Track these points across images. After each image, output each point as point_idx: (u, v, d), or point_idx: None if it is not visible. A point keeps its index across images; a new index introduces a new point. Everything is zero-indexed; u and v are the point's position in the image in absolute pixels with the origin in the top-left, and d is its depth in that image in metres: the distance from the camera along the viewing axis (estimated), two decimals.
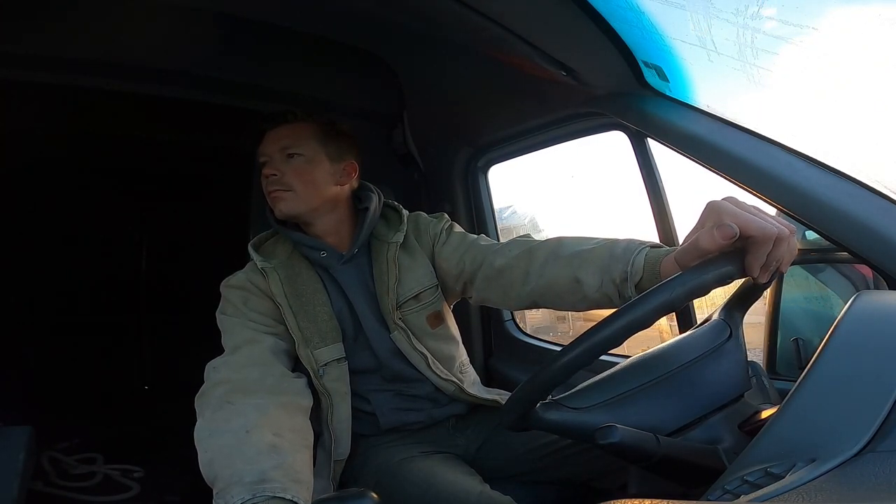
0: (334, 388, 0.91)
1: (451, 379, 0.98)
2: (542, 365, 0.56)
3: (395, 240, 0.97)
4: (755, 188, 0.78)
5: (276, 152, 0.94)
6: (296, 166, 0.93)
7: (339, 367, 0.91)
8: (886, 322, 0.49)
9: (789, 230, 0.54)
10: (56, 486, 1.82)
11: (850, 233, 0.70)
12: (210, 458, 0.67)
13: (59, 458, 1.98)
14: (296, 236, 0.96)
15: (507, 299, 0.90)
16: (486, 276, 0.91)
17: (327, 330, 0.91)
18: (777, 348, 0.98)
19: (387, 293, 0.95)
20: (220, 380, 0.78)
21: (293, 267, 0.94)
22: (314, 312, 0.91)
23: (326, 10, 1.18)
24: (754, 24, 0.72)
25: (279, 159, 0.93)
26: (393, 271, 0.95)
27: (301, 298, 0.91)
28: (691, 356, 0.61)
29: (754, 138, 0.83)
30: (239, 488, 0.60)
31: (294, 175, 0.93)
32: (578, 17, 0.85)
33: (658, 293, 0.51)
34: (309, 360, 0.90)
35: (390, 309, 0.95)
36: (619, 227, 2.01)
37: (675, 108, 0.94)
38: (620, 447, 0.53)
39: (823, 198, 0.72)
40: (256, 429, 0.69)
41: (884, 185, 0.72)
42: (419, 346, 0.96)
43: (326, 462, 0.91)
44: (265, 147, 0.95)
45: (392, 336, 0.95)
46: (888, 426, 0.39)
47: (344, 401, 0.92)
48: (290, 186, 0.92)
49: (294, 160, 0.93)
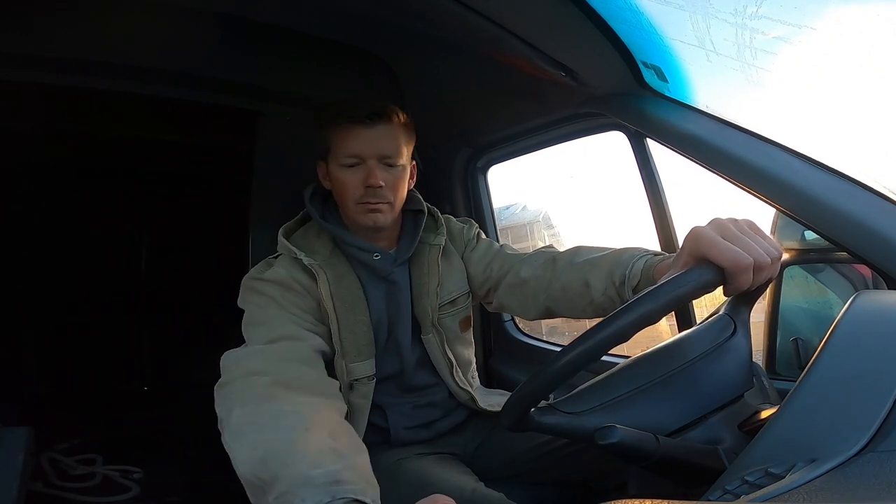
0: (358, 405, 0.89)
1: (466, 388, 0.99)
2: (541, 366, 0.56)
3: (436, 242, 0.95)
4: (754, 188, 0.78)
5: (373, 157, 0.85)
6: (395, 177, 0.87)
7: (367, 385, 0.89)
8: (886, 322, 0.49)
9: (771, 258, 0.53)
10: (55, 487, 1.82)
11: (850, 233, 0.70)
12: (261, 455, 0.59)
13: (58, 458, 1.98)
14: (348, 237, 0.89)
15: (527, 308, 0.92)
16: (510, 284, 0.92)
17: (364, 343, 0.88)
18: (776, 348, 0.98)
19: (427, 295, 0.92)
20: (256, 370, 0.70)
21: (336, 267, 0.88)
22: (355, 322, 0.87)
23: (326, 10, 1.18)
24: (753, 25, 0.72)
25: (377, 167, 0.85)
26: (435, 273, 0.93)
27: (345, 305, 0.86)
28: (693, 354, 0.60)
29: (753, 138, 0.83)
30: (311, 490, 0.53)
31: (392, 188, 0.87)
32: (577, 17, 0.85)
33: (654, 293, 0.52)
34: (342, 372, 0.86)
35: (429, 311, 0.92)
36: (620, 227, 2.01)
37: (674, 108, 0.94)
38: (620, 447, 0.53)
39: (823, 198, 0.72)
40: (315, 427, 0.62)
41: (884, 185, 0.72)
42: (448, 352, 0.95)
43: None
44: (361, 148, 0.85)
45: (425, 339, 0.94)
46: (888, 426, 0.39)
47: (363, 417, 0.90)
48: (388, 199, 0.87)
49: (392, 171, 0.87)
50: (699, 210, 1.35)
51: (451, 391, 0.99)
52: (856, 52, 0.72)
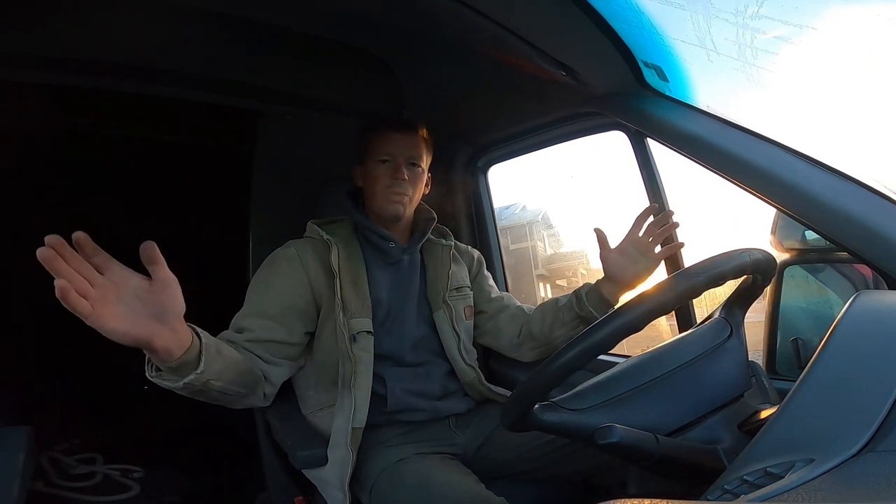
0: (361, 357, 0.97)
1: (473, 366, 1.08)
2: (541, 366, 0.57)
3: (448, 243, 1.16)
4: (755, 188, 0.78)
5: (402, 157, 1.05)
6: (416, 176, 1.07)
7: (367, 339, 0.99)
8: (886, 322, 0.49)
9: None
10: (56, 487, 1.83)
11: (850, 233, 0.70)
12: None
13: (59, 458, 1.98)
14: (371, 225, 1.06)
15: (498, 347, 1.19)
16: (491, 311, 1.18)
17: (363, 305, 1.01)
18: (776, 348, 0.98)
19: (439, 279, 1.11)
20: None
21: (348, 248, 1.05)
22: (355, 289, 1.01)
23: (326, 10, 1.18)
24: (754, 24, 0.72)
25: (404, 165, 1.05)
26: (447, 263, 1.13)
27: (349, 275, 1.02)
28: (691, 355, 0.61)
29: (754, 138, 0.83)
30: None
31: (412, 184, 1.06)
32: (578, 17, 0.85)
33: (651, 296, 0.52)
34: (344, 327, 0.97)
35: (441, 290, 1.09)
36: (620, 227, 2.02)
37: (674, 107, 0.94)
38: (620, 447, 0.53)
39: (823, 198, 0.72)
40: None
41: (884, 184, 0.72)
42: (457, 326, 1.08)
43: (345, 428, 0.93)
44: (393, 148, 1.05)
45: (435, 314, 1.08)
46: (887, 426, 0.39)
47: (368, 370, 0.97)
48: (408, 192, 1.05)
49: (414, 170, 1.06)
50: (699, 210, 1.36)
51: (455, 368, 1.07)
52: (856, 52, 0.72)
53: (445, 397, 1.05)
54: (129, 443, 2.16)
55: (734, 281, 0.61)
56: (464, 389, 1.08)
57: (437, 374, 1.06)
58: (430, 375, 1.05)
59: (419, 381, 1.03)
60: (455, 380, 1.07)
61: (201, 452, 2.17)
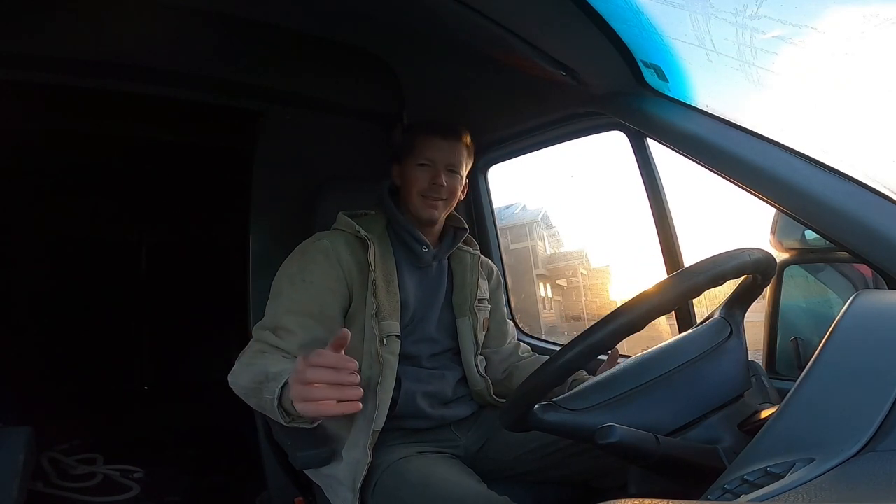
0: (388, 361, 0.96)
1: (484, 376, 1.08)
2: (541, 366, 0.57)
3: (475, 252, 1.15)
4: (755, 188, 0.78)
5: (442, 162, 1.03)
6: (454, 182, 1.05)
7: (395, 343, 0.98)
8: (886, 322, 0.49)
9: None
10: (56, 487, 1.83)
11: (850, 233, 0.70)
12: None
13: (59, 458, 1.98)
14: (406, 224, 1.05)
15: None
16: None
17: (394, 308, 1.00)
18: (776, 348, 0.98)
19: (466, 286, 1.10)
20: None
21: (382, 245, 1.03)
22: (388, 290, 1.00)
23: (326, 11, 1.18)
24: (753, 24, 0.72)
25: (443, 170, 1.03)
26: (476, 272, 1.12)
27: (384, 275, 1.01)
28: (691, 355, 0.61)
29: (754, 138, 0.83)
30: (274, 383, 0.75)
31: (450, 190, 1.04)
32: (578, 17, 0.85)
33: (651, 295, 0.52)
34: (375, 329, 0.96)
35: (468, 298, 1.09)
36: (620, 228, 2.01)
37: (674, 107, 0.94)
38: (620, 447, 0.53)
39: (823, 198, 0.72)
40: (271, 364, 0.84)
41: (884, 184, 0.72)
42: (478, 336, 1.09)
43: (366, 430, 0.93)
44: (435, 154, 1.03)
45: (459, 321, 1.08)
46: (887, 426, 0.39)
47: (392, 374, 0.97)
48: (444, 197, 1.04)
49: (453, 176, 1.05)
50: (698, 210, 1.36)
51: (468, 375, 1.07)
52: (856, 52, 0.72)
53: (453, 402, 1.05)
54: (129, 443, 2.16)
55: (734, 281, 0.61)
56: (471, 395, 1.08)
57: (450, 380, 1.05)
58: (444, 379, 1.04)
59: (433, 383, 1.03)
60: (465, 386, 1.07)
61: (201, 452, 2.17)
